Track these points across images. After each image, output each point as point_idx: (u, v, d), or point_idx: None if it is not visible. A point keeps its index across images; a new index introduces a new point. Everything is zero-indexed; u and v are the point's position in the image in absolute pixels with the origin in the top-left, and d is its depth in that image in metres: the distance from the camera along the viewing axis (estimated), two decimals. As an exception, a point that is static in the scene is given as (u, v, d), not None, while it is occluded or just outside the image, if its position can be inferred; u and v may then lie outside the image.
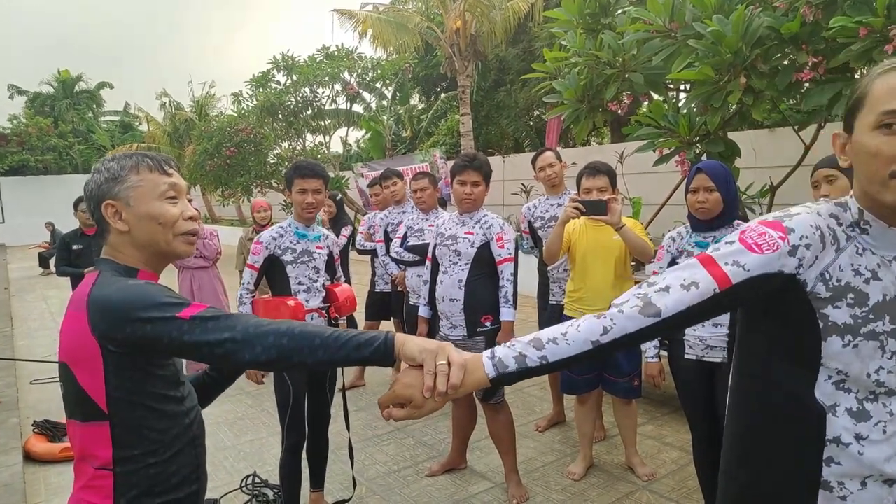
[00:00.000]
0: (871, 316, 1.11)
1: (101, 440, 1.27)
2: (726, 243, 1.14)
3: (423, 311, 3.58)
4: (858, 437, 1.12)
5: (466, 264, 3.25)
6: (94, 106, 33.58)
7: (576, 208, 3.05)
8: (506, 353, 1.17)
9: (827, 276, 1.11)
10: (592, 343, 1.13)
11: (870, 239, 1.13)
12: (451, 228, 3.35)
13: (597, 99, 4.78)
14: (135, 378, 1.27)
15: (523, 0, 12.07)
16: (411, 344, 1.21)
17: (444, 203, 5.20)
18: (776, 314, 1.17)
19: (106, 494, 1.27)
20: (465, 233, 3.27)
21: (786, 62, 3.84)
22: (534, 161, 4.16)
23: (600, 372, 3.49)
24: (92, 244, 5.64)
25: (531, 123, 17.94)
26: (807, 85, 3.74)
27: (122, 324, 1.21)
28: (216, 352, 1.21)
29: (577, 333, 1.14)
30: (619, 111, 4.70)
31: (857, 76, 3.82)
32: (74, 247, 5.62)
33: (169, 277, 9.85)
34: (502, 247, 3.26)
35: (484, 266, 3.26)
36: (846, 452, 1.13)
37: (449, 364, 1.17)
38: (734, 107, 4.11)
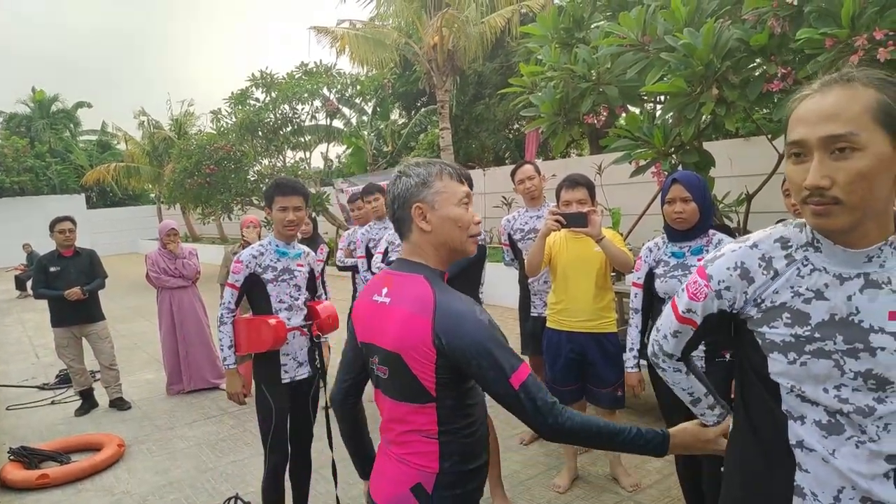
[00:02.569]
0: (816, 335, 1.13)
1: (429, 418, 1.52)
2: (682, 290, 1.34)
3: None
4: (826, 447, 1.13)
5: None
6: (72, 126, 33.22)
7: (556, 221, 3.07)
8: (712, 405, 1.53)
9: (758, 300, 1.20)
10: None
11: (823, 256, 1.15)
12: None
13: (573, 112, 4.83)
14: (460, 373, 1.49)
15: (499, 15, 12.17)
16: (686, 437, 1.51)
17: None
18: (736, 336, 1.30)
19: (433, 458, 1.53)
20: None
21: (756, 73, 3.92)
22: (513, 174, 4.20)
23: (584, 383, 3.50)
24: (70, 266, 5.58)
25: (511, 136, 18.07)
26: (777, 95, 3.82)
27: (467, 360, 1.43)
28: (519, 414, 1.43)
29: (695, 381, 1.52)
30: (596, 124, 4.75)
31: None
32: (51, 269, 5.55)
33: (148, 297, 9.72)
34: None
35: (459, 280, 3.24)
36: (812, 457, 1.15)
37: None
38: (707, 117, 4.17)
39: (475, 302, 1.52)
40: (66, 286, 5.44)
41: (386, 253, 4.44)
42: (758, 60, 3.89)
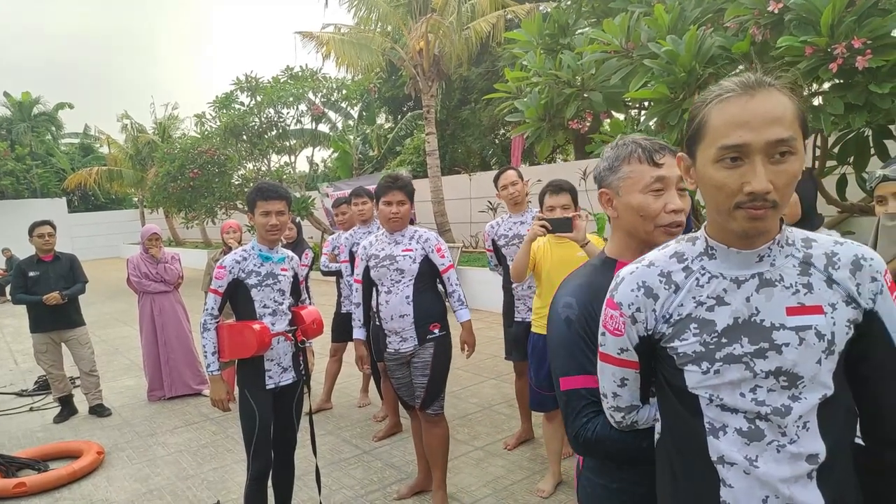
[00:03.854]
0: (723, 340, 1.15)
1: None
2: (601, 335, 1.30)
3: (360, 334, 3.57)
4: (747, 457, 1.13)
5: (410, 280, 3.31)
6: (53, 128, 32.84)
7: (542, 226, 3.09)
8: None
9: (666, 316, 1.21)
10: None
11: (718, 262, 1.18)
12: (383, 249, 3.38)
13: (557, 117, 4.85)
14: None
15: (485, 21, 12.21)
16: None
17: (411, 221, 5.19)
18: (653, 358, 1.28)
19: None
20: (404, 251, 3.33)
21: (738, 80, 3.96)
22: (496, 179, 4.20)
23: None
24: (49, 270, 5.50)
25: (497, 141, 18.14)
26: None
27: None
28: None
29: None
30: (581, 129, 4.78)
31: (805, 93, 3.96)
32: (31, 273, 5.47)
33: (129, 302, 9.64)
34: (443, 256, 3.38)
35: (426, 278, 3.36)
36: (734, 471, 1.14)
37: None
38: (690, 124, 4.21)
39: (578, 293, 1.45)
40: (46, 291, 5.37)
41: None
42: (739, 67, 3.94)
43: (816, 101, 3.88)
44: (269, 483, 3.12)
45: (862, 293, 1.14)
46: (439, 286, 3.46)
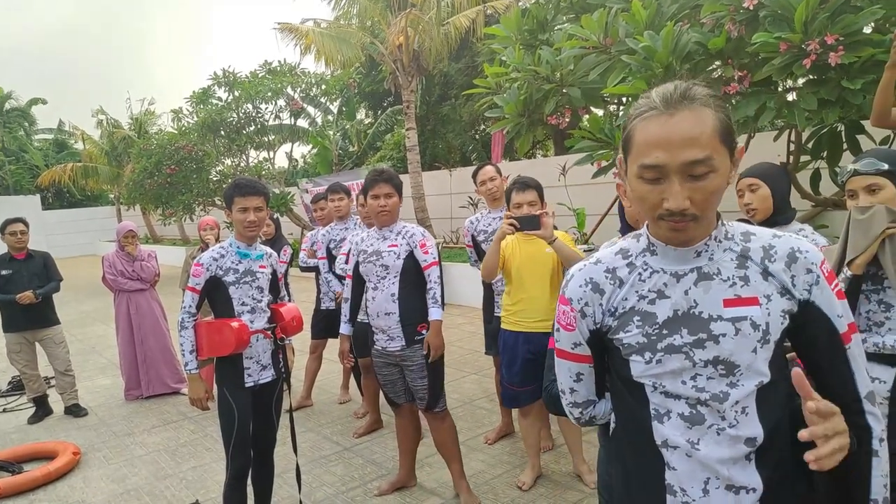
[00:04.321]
0: (664, 332, 1.20)
1: None
2: (556, 331, 1.37)
3: (346, 329, 3.56)
4: (689, 440, 1.19)
5: (396, 276, 3.28)
6: (27, 124, 32.18)
7: (511, 224, 3.10)
8: None
9: (612, 309, 1.27)
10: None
11: (659, 257, 1.23)
12: (372, 245, 3.37)
13: (537, 113, 4.87)
14: None
15: (464, 16, 12.18)
16: None
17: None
18: (604, 349, 1.34)
19: None
20: (389, 246, 3.31)
21: (714, 76, 4.00)
22: (474, 175, 4.20)
23: (541, 383, 3.51)
24: (22, 269, 5.41)
25: (477, 137, 18.13)
26: (735, 98, 3.90)
27: None
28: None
29: None
30: (559, 125, 4.80)
31: (779, 88, 4.01)
32: (3, 272, 5.36)
33: (105, 300, 9.47)
34: (427, 252, 3.32)
35: (412, 275, 3.32)
36: (677, 454, 1.20)
37: None
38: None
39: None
40: (19, 290, 5.27)
41: (349, 254, 4.41)
42: (716, 63, 3.98)
43: (791, 97, 3.93)
44: (249, 481, 3.10)
45: (797, 284, 1.18)
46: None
